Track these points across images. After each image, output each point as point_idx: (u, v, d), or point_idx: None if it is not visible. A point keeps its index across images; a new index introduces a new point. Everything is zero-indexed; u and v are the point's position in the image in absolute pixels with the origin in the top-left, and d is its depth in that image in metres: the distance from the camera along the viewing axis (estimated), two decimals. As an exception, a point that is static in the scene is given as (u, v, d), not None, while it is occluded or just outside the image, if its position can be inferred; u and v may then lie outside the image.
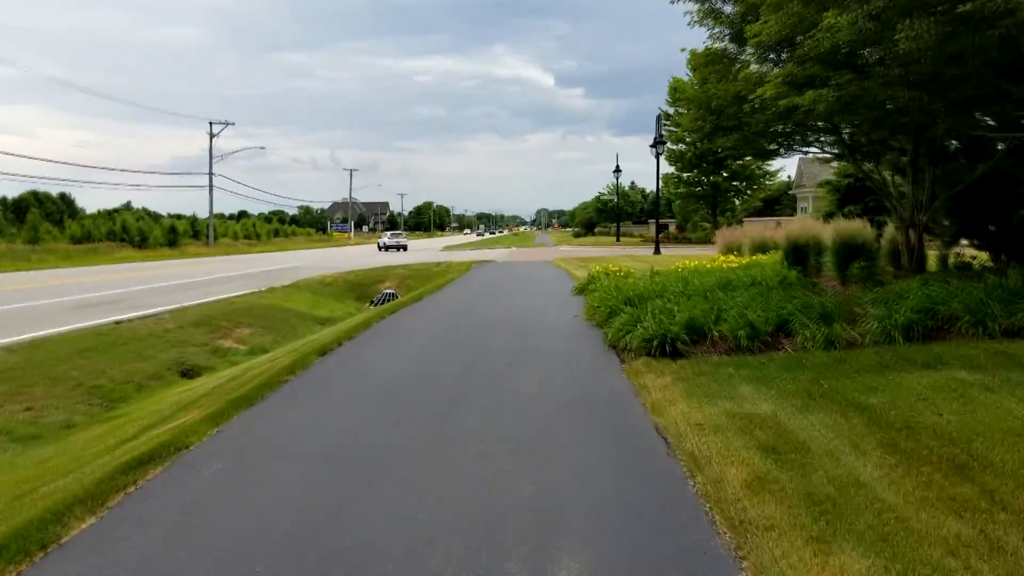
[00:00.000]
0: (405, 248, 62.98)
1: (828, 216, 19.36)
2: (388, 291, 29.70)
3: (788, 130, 13.85)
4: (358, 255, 55.07)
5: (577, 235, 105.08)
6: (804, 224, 17.13)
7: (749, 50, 12.49)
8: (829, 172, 49.07)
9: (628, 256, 37.02)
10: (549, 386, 8.09)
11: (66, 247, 53.39)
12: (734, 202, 54.35)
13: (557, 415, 6.91)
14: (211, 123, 69.25)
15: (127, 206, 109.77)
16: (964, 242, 17.57)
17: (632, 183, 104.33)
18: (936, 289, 9.49)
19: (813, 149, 15.13)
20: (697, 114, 13.10)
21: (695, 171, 52.24)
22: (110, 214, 71.42)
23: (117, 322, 18.15)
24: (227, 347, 17.55)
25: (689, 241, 50.96)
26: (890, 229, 16.38)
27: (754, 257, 18.78)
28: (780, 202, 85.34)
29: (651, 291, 12.75)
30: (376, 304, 28.69)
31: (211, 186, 69.02)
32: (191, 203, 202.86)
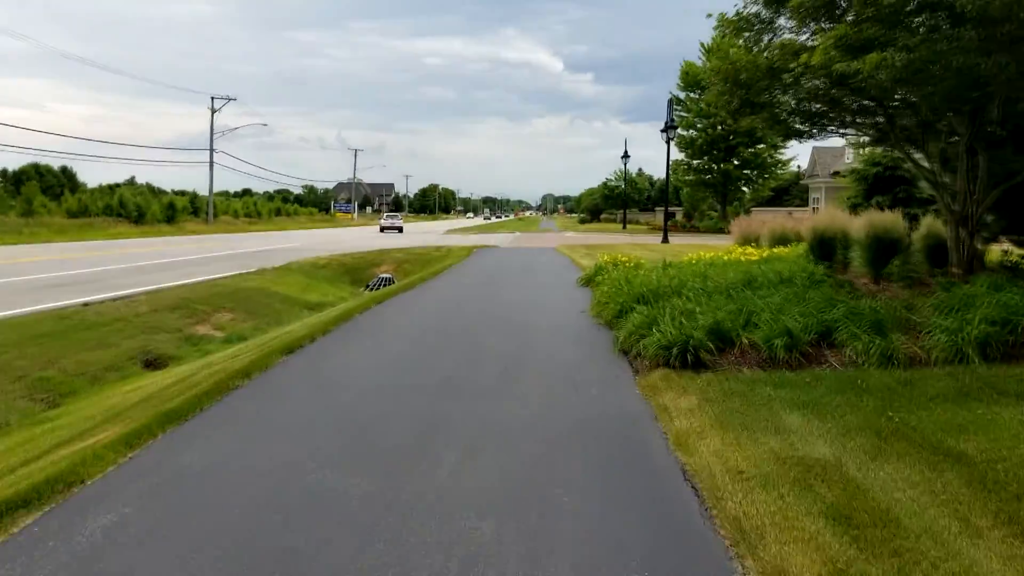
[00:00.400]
0: (400, 230, 62.87)
1: (854, 207, 17.77)
2: (384, 275, 28.27)
3: (823, 109, 12.30)
4: (358, 236, 53.60)
5: (583, 221, 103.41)
6: (832, 215, 15.59)
7: (784, 17, 10.94)
8: (845, 162, 47.33)
9: (635, 244, 35.50)
10: (548, 406, 6.61)
11: (61, 221, 52.00)
12: (744, 191, 52.70)
13: (556, 450, 5.44)
14: (212, 98, 67.66)
15: (131, 181, 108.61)
16: (1003, 239, 16.06)
17: (640, 170, 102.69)
18: (1014, 296, 7.97)
19: (849, 132, 13.56)
20: (723, 88, 11.53)
21: (705, 158, 50.55)
22: (112, 188, 70.06)
23: (85, 304, 16.71)
24: (202, 334, 16.11)
25: (697, 230, 49.34)
26: (927, 222, 14.85)
27: (774, 250, 17.26)
28: (789, 192, 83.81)
29: (666, 287, 11.27)
30: (371, 289, 27.26)
31: (211, 162, 67.54)
32: (196, 180, 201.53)
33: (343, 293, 25.17)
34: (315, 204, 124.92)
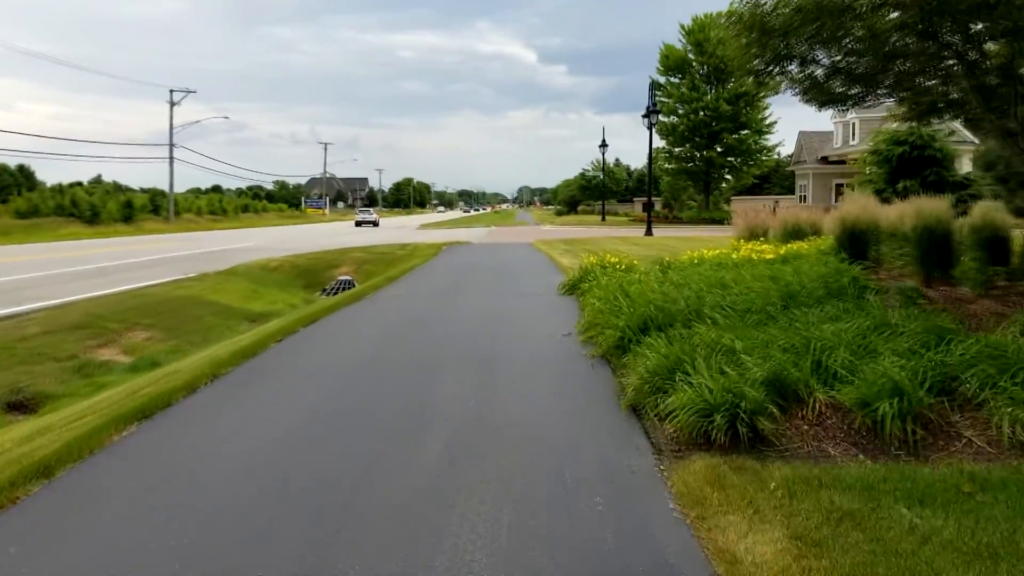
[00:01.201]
0: (376, 223, 63.27)
1: (879, 193, 15.04)
2: (344, 278, 25.23)
3: (868, 71, 9.50)
4: (326, 233, 50.44)
5: (559, 213, 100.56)
6: (864, 204, 12.84)
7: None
8: (833, 147, 44.79)
9: (618, 238, 32.69)
10: (516, 548, 3.69)
11: (8, 222, 48.44)
12: (728, 179, 49.88)
13: None
14: (171, 91, 64.12)
15: (97, 180, 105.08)
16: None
17: (616, 160, 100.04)
18: None
19: (905, 94, 10.76)
20: (748, 38, 8.68)
21: (687, 145, 47.74)
22: (71, 187, 66.25)
23: (-39, 326, 13.61)
24: (103, 360, 13.02)
25: (680, 221, 46.58)
26: (980, 210, 12.15)
27: (790, 246, 14.45)
28: (769, 180, 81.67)
29: (678, 302, 8.39)
30: (328, 293, 24.23)
31: (171, 158, 64.03)
32: (166, 178, 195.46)
33: (294, 299, 22.10)
34: (287, 200, 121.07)
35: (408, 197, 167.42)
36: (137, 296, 18.10)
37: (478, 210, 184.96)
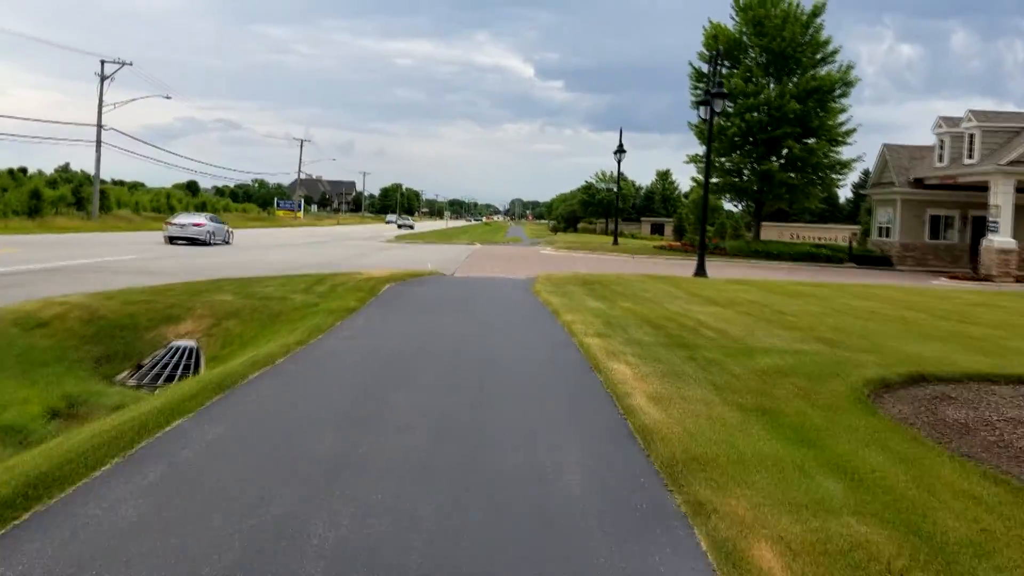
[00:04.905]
0: (412, 227, 77.07)
1: None
2: (181, 344, 12.86)
3: None
4: (270, 244, 38.29)
5: (555, 229, 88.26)
6: None
7: None
8: (935, 166, 32.47)
9: (662, 280, 20.38)
10: None
11: None
12: (787, 199, 37.38)
13: None
14: (103, 62, 51.78)
15: (65, 168, 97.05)
16: None
17: (621, 174, 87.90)
18: None
19: None
20: None
21: (736, 154, 35.58)
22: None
23: None
24: None
25: (723, 252, 34.34)
26: None
27: None
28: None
29: None
30: (145, 378, 12.00)
31: (99, 141, 51.63)
32: (150, 171, 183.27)
33: (33, 407, 9.63)
34: (267, 200, 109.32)
35: (396, 203, 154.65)
36: None
37: (480, 220, 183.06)
